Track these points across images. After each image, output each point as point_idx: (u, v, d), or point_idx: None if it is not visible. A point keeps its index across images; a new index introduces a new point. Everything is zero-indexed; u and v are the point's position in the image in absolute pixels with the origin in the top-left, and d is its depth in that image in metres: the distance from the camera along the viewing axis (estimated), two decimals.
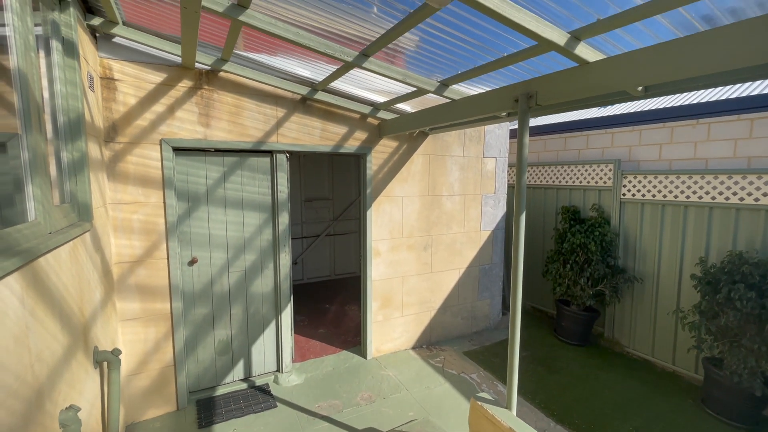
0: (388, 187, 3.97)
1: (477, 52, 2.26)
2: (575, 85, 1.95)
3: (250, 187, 3.35)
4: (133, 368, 2.96)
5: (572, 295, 4.51)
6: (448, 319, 4.60)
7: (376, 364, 4.00)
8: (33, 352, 1.31)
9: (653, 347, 4.12)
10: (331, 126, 3.59)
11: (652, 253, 4.13)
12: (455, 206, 4.42)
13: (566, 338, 4.59)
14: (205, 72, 3.02)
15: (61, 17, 1.98)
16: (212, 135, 3.09)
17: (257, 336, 3.53)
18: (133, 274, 2.90)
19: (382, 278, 4.07)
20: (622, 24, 1.64)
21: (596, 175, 4.65)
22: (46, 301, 1.45)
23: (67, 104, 2.01)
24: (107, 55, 2.70)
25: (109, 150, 2.75)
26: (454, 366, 4.00)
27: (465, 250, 4.58)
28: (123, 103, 2.77)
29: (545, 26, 1.71)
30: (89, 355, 2.00)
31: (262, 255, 3.47)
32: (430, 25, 2.00)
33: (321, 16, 2.07)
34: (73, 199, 2.05)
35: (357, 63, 2.39)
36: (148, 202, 2.91)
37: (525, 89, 2.17)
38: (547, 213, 5.36)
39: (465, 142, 4.39)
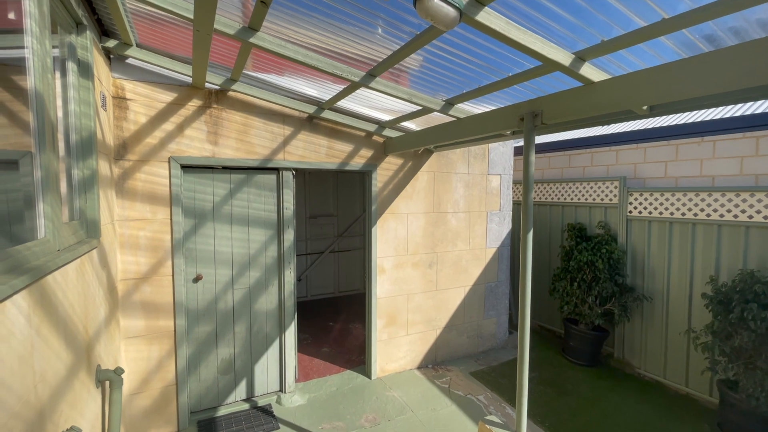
0: (393, 204, 3.98)
1: (482, 72, 2.30)
2: (580, 104, 1.96)
3: (256, 204, 3.36)
4: (135, 387, 2.92)
5: (580, 313, 4.43)
6: (454, 338, 4.52)
7: (381, 384, 3.92)
8: (37, 372, 1.30)
9: (665, 369, 4.01)
10: (337, 144, 3.63)
11: (661, 271, 4.07)
12: (460, 223, 4.41)
13: (575, 358, 4.49)
14: (215, 91, 3.08)
15: (78, 40, 2.04)
16: (220, 153, 3.13)
17: (260, 355, 3.48)
18: (138, 291, 2.89)
19: (387, 296, 4.03)
20: (626, 45, 1.67)
21: (602, 192, 4.64)
22: (52, 320, 1.45)
23: (80, 123, 2.05)
24: (120, 76, 2.77)
25: (118, 167, 2.79)
26: (461, 387, 3.91)
27: (470, 268, 4.54)
28: (134, 121, 2.82)
29: (550, 47, 1.74)
30: (92, 374, 1.98)
31: (267, 272, 3.45)
32: (435, 45, 2.04)
33: (328, 38, 2.12)
34: (82, 216, 2.07)
35: (364, 83, 2.44)
36: (155, 219, 2.92)
37: (530, 108, 2.19)
38: (553, 230, 5.32)
39: (469, 159, 4.41)
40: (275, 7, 1.86)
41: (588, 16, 1.58)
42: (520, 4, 1.55)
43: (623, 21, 1.56)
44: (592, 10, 1.54)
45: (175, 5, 1.86)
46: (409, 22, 1.84)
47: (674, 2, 1.41)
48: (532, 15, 1.61)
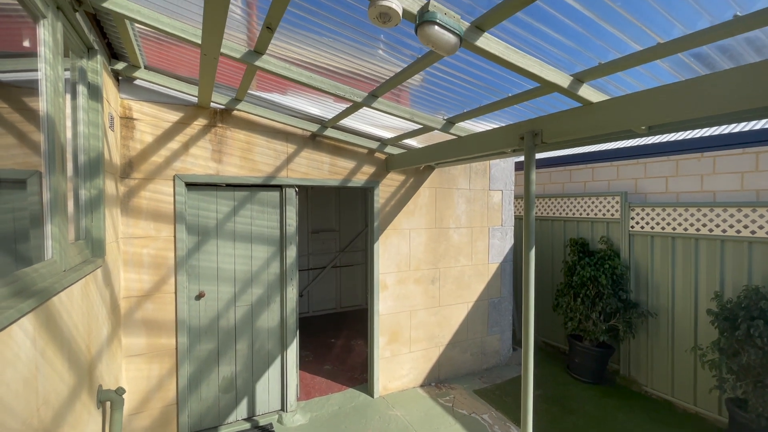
0: (395, 220, 4.00)
1: (482, 93, 2.34)
2: (580, 124, 1.99)
3: (259, 221, 3.39)
4: (135, 407, 2.89)
5: (584, 330, 4.39)
6: (458, 355, 4.47)
7: (384, 403, 3.86)
8: (40, 395, 1.29)
9: (673, 386, 3.95)
10: (340, 161, 3.67)
11: (665, 286, 4.05)
12: (462, 239, 4.42)
13: (580, 375, 4.43)
14: (220, 111, 3.14)
15: (89, 64, 2.10)
16: (224, 170, 3.17)
17: (262, 373, 3.45)
18: (141, 309, 2.89)
19: (390, 312, 4.00)
20: (623, 68, 1.71)
21: (603, 207, 4.65)
22: (56, 341, 1.45)
23: (88, 144, 2.09)
24: (128, 96, 2.83)
25: (124, 186, 2.82)
26: (465, 405, 3.85)
27: (473, 284, 4.52)
28: (140, 140, 2.87)
29: (549, 70, 1.78)
30: (93, 395, 1.97)
31: (269, 289, 3.45)
32: (436, 67, 2.08)
33: (331, 57, 2.16)
34: (88, 235, 2.09)
35: (366, 103, 2.48)
36: (159, 237, 2.94)
37: (530, 127, 2.22)
38: (555, 245, 5.32)
39: (471, 175, 4.44)
40: (279, 29, 1.91)
41: (585, 41, 1.63)
42: (519, 29, 1.60)
43: (619, 45, 1.61)
44: (588, 34, 1.58)
45: (184, 31, 1.92)
46: (409, 45, 1.89)
47: (668, 28, 1.46)
48: (530, 39, 1.66)
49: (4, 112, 1.62)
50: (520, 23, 1.55)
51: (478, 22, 1.52)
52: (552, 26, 1.56)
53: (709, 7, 1.31)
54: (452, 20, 1.40)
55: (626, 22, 1.47)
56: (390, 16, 1.35)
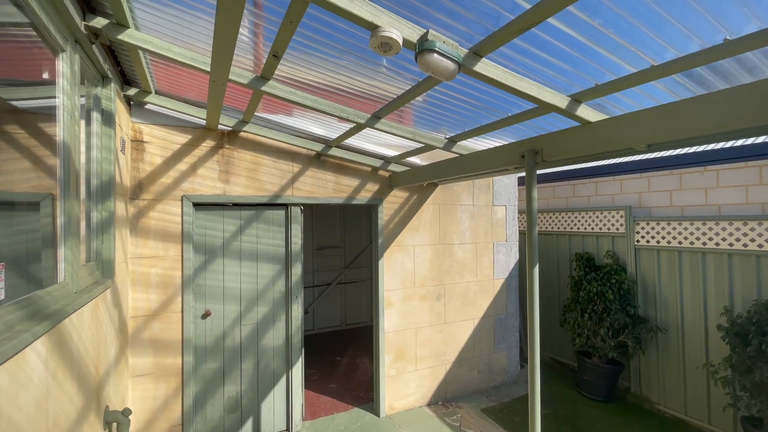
0: (399, 237, 4.02)
1: (482, 113, 2.40)
2: (579, 142, 2.03)
3: (264, 240, 3.43)
4: (141, 427, 2.88)
5: (593, 346, 4.33)
6: (464, 373, 4.42)
7: (390, 422, 3.81)
8: (51, 417, 1.32)
9: (686, 404, 3.85)
10: (344, 179, 3.73)
11: (674, 301, 4.00)
12: (467, 255, 4.42)
13: (590, 393, 4.34)
14: (227, 132, 3.23)
15: (103, 92, 2.19)
16: (231, 190, 3.23)
17: (267, 392, 3.43)
18: (148, 328, 2.91)
19: (395, 330, 3.99)
20: (619, 89, 1.75)
21: (608, 221, 4.65)
22: (66, 363, 1.48)
23: (100, 168, 2.16)
24: (138, 120, 2.93)
25: (133, 207, 2.89)
26: (472, 425, 3.79)
27: (479, 300, 4.50)
28: (150, 162, 2.95)
29: (546, 92, 1.83)
30: (100, 416, 1.98)
31: (275, 307, 3.47)
32: (436, 90, 2.14)
33: (335, 77, 2.22)
34: (98, 256, 2.14)
35: (369, 124, 2.55)
36: (167, 256, 2.99)
37: (530, 146, 2.26)
38: (561, 260, 5.29)
39: (474, 191, 4.47)
40: (285, 54, 1.98)
41: (580, 64, 1.68)
42: (515, 54, 1.65)
43: (614, 67, 1.65)
44: (583, 58, 1.63)
45: (194, 60, 2.00)
46: (411, 70, 1.96)
47: (660, 51, 1.50)
48: (527, 63, 1.71)
49: (20, 138, 1.70)
50: (516, 48, 1.61)
51: (475, 49, 1.57)
52: (547, 51, 1.62)
53: (698, 32, 1.36)
54: (450, 48, 1.45)
55: (619, 46, 1.51)
56: (391, 46, 1.41)
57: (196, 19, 1.80)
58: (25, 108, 1.67)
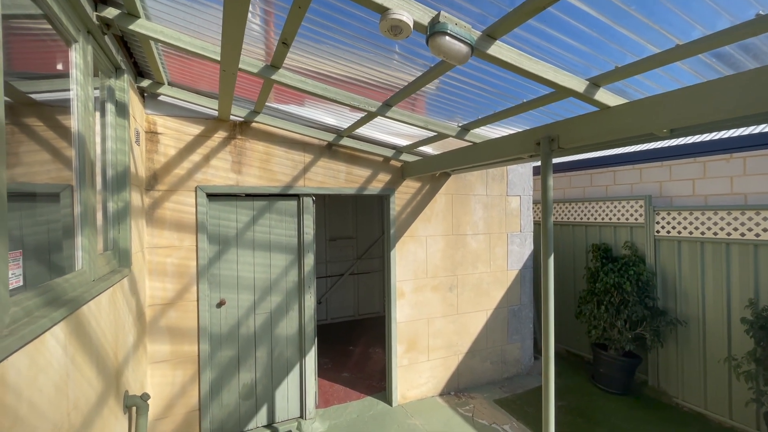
0: (411, 227, 3.99)
1: (496, 99, 2.34)
2: (597, 129, 1.96)
3: (277, 230, 3.45)
4: (160, 412, 2.97)
5: (609, 338, 4.25)
6: (477, 364, 4.40)
7: (402, 411, 3.83)
8: (71, 400, 1.35)
9: (706, 398, 3.76)
10: (356, 169, 3.71)
11: (695, 293, 3.88)
12: (480, 245, 4.37)
13: (606, 386, 4.27)
14: (239, 123, 3.24)
15: (116, 83, 2.21)
16: (244, 181, 3.25)
17: (281, 380, 3.48)
18: (165, 317, 2.98)
19: (407, 320, 3.99)
20: (641, 71, 1.67)
21: (626, 211, 4.52)
22: (85, 348, 1.52)
23: (115, 159, 2.19)
24: (152, 112, 2.96)
25: (149, 197, 2.94)
26: (485, 416, 3.78)
27: (492, 291, 4.46)
28: (164, 154, 2.99)
29: (563, 75, 1.76)
30: (120, 400, 2.04)
31: (288, 297, 3.50)
32: (449, 76, 2.09)
33: (346, 66, 2.20)
34: (115, 246, 2.18)
35: (380, 113, 2.51)
36: (182, 246, 3.04)
37: (546, 133, 2.20)
38: (577, 251, 5.19)
39: (488, 181, 4.40)
40: (295, 43, 1.96)
41: (600, 45, 1.60)
42: (531, 36, 1.59)
43: (636, 48, 1.58)
44: (603, 39, 1.56)
45: (204, 49, 2.00)
46: (422, 55, 1.91)
47: (687, 29, 1.42)
48: (543, 46, 1.65)
49: (39, 130, 1.73)
50: (532, 30, 1.55)
51: (489, 31, 1.52)
52: (565, 32, 1.55)
53: (728, 7, 1.28)
54: (463, 30, 1.41)
55: (642, 25, 1.44)
56: (401, 29, 1.37)
57: (206, 8, 1.79)
58: (43, 101, 1.70)
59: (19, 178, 1.55)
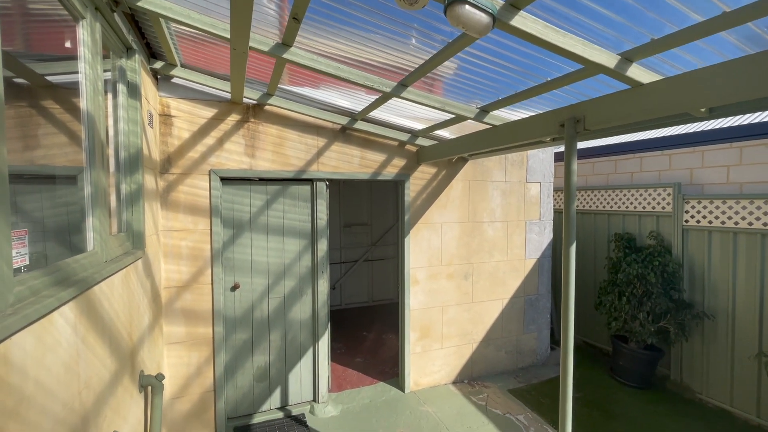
0: (426, 214, 3.91)
1: (518, 78, 2.21)
2: (628, 108, 1.82)
3: (290, 215, 3.43)
4: (176, 392, 3.03)
5: (630, 330, 4.11)
6: (492, 353, 4.34)
7: (415, 398, 3.82)
8: (82, 379, 1.36)
9: (732, 395, 3.61)
10: (370, 154, 3.63)
11: (725, 286, 3.69)
12: (497, 233, 4.26)
13: (625, 379, 4.16)
14: (252, 106, 3.19)
15: (128, 63, 2.18)
16: (257, 165, 3.22)
17: (294, 363, 3.51)
18: (180, 299, 3.01)
19: (421, 307, 3.94)
20: (681, 43, 1.53)
21: (653, 200, 4.31)
22: (97, 328, 1.52)
23: (128, 141, 2.18)
24: (166, 94, 2.94)
25: (163, 181, 2.94)
26: (499, 405, 3.73)
27: (508, 280, 4.35)
28: (178, 137, 2.97)
29: (593, 49, 1.63)
30: (135, 380, 2.07)
31: (301, 281, 3.50)
32: (468, 52, 1.98)
33: (359, 48, 2.12)
34: (129, 228, 2.19)
35: (395, 93, 2.42)
36: (196, 229, 3.05)
37: (571, 113, 2.07)
38: (598, 240, 5.00)
39: (507, 166, 4.26)
40: (307, 23, 1.89)
41: (636, 15, 1.47)
42: (559, 5, 1.47)
43: (677, 17, 1.43)
44: (640, 7, 1.42)
45: (214, 27, 1.94)
46: (440, 30, 1.80)
47: None
48: (572, 16, 1.52)
49: (56, 113, 1.72)
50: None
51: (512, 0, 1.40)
52: (596, 0, 1.42)
53: None
54: None
55: None
56: None
57: None
58: (60, 83, 1.68)
59: (37, 161, 1.55)
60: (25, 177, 1.47)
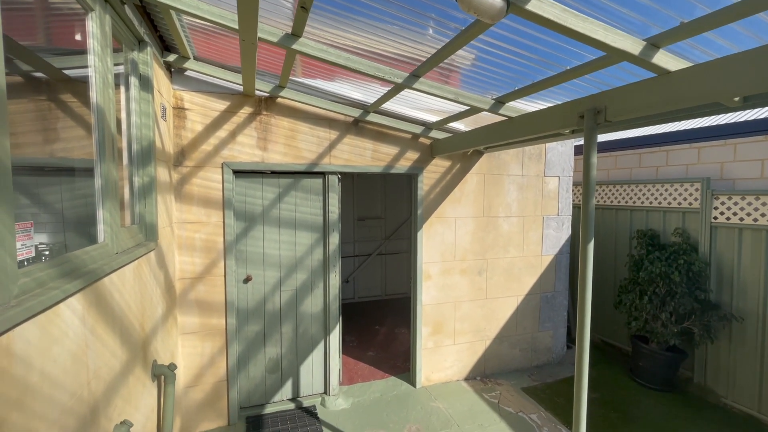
0: (440, 208, 3.84)
1: (536, 67, 2.11)
2: (653, 97, 1.71)
3: (302, 208, 3.42)
4: (190, 380, 3.09)
5: (651, 331, 3.96)
6: (505, 350, 4.26)
7: (426, 393, 3.80)
8: (91, 370, 1.38)
9: (760, 401, 3.44)
10: (383, 147, 3.58)
11: (755, 287, 3.50)
12: (513, 228, 4.15)
13: (645, 381, 4.02)
14: (264, 98, 3.18)
15: (140, 56, 2.19)
16: (269, 158, 3.22)
17: (306, 356, 3.53)
18: (194, 290, 3.06)
19: (433, 303, 3.90)
20: (714, 26, 1.41)
21: (679, 195, 4.11)
22: (107, 319, 1.54)
23: (140, 134, 2.19)
24: (179, 87, 2.95)
25: (177, 173, 2.97)
26: (511, 403, 3.67)
27: (524, 276, 4.25)
28: (191, 130, 2.99)
29: (616, 35, 1.53)
30: (147, 369, 2.10)
31: (313, 275, 3.50)
32: (483, 41, 1.90)
33: (370, 39, 2.07)
34: (142, 220, 2.21)
35: (407, 84, 2.35)
36: (210, 222, 3.08)
37: (592, 104, 1.96)
38: (620, 237, 4.83)
39: (524, 160, 4.13)
40: (317, 12, 1.84)
41: None
42: None
43: None
44: None
45: (222, 17, 1.91)
46: (452, 17, 1.73)
47: None
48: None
49: (74, 106, 1.74)
50: None
51: None
52: None
53: None
54: None
55: None
56: None
57: None
58: (76, 77, 1.69)
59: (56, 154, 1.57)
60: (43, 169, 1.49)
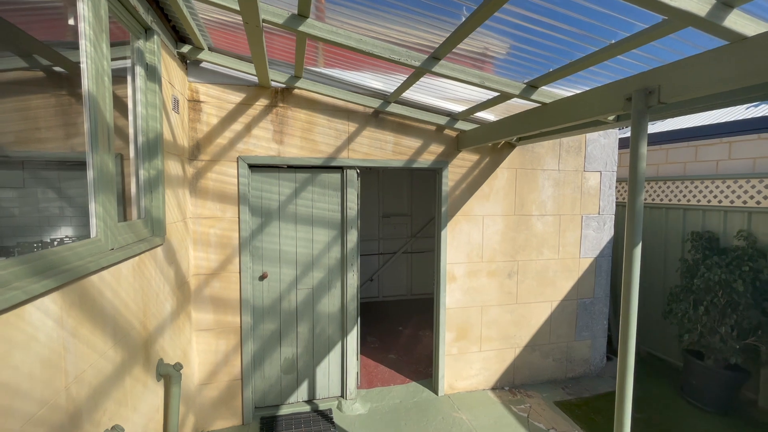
0: (466, 205, 3.58)
1: (574, 42, 1.83)
2: (723, 71, 1.39)
3: (320, 204, 3.29)
4: (205, 378, 3.05)
5: (708, 346, 3.50)
6: (537, 360, 3.94)
7: (448, 402, 3.57)
8: (71, 374, 1.29)
9: None
10: (404, 139, 3.37)
11: None
12: (548, 228, 3.82)
13: (699, 401, 3.57)
14: (280, 90, 3.06)
15: (146, 45, 2.11)
16: (285, 152, 3.10)
17: (322, 357, 3.41)
18: (208, 286, 3.01)
19: (458, 306, 3.65)
20: None
21: (744, 192, 3.61)
22: (95, 319, 1.45)
23: (146, 125, 2.12)
24: (195, 80, 2.89)
25: (192, 167, 2.92)
26: (542, 418, 3.37)
27: (559, 280, 3.91)
28: (206, 123, 2.93)
29: None
30: (151, 369, 2.04)
31: (330, 273, 3.36)
32: (510, 12, 1.64)
33: (386, 28, 1.88)
34: (147, 214, 2.15)
35: (426, 67, 2.13)
36: (224, 217, 3.01)
37: (642, 83, 1.66)
38: (670, 239, 4.34)
39: (561, 153, 3.78)
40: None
41: None
42: None
43: None
44: None
45: None
46: None
47: None
48: None
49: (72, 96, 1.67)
50: None
51: None
52: None
53: None
54: None
55: None
56: None
57: None
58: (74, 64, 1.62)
59: None
60: None
